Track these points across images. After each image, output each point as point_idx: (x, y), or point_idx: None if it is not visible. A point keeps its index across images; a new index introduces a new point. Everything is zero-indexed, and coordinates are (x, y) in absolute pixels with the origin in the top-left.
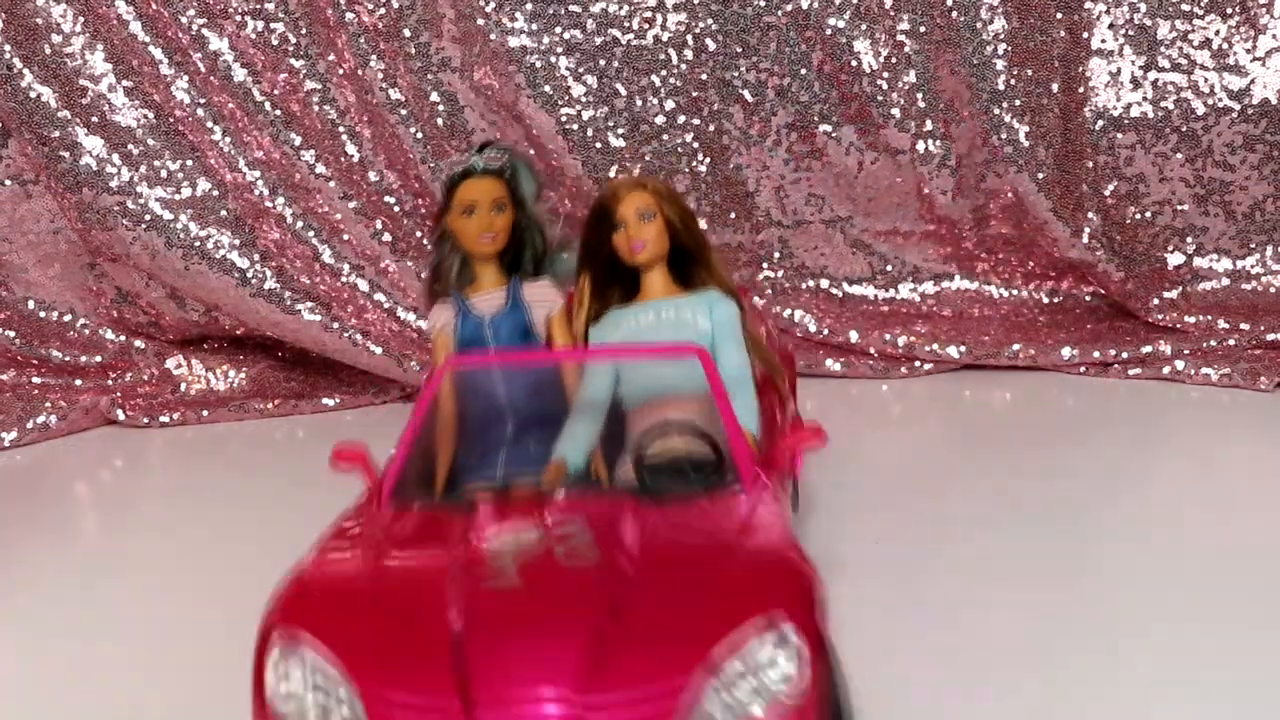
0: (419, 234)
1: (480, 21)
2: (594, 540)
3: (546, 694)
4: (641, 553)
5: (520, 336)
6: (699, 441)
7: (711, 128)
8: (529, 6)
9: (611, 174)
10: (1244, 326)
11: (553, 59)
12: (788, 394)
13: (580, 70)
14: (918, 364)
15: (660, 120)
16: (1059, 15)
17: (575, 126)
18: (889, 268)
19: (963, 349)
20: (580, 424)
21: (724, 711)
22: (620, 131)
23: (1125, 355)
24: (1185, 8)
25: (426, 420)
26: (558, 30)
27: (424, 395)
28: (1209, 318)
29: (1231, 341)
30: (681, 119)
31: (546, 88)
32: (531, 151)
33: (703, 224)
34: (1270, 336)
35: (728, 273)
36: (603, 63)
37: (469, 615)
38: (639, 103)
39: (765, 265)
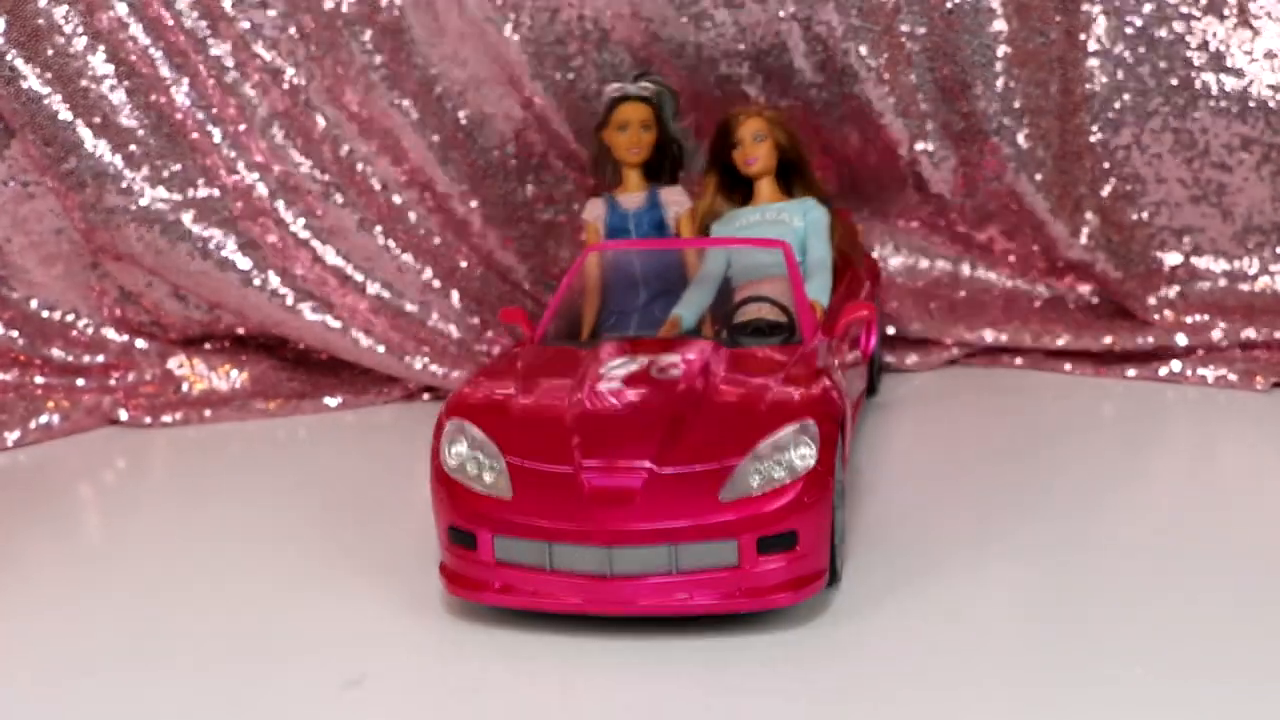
0: (422, 231)
1: (482, 21)
2: (682, 367)
3: (632, 463)
4: (719, 379)
5: (656, 229)
6: (775, 309)
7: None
8: (529, 7)
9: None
10: (1240, 326)
11: (556, 56)
12: (865, 281)
13: (582, 69)
14: (913, 358)
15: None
16: (1058, 17)
17: (576, 127)
18: (888, 265)
19: (961, 341)
20: (696, 292)
21: (759, 480)
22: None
23: (1122, 354)
24: (1183, 9)
25: (574, 285)
26: (558, 28)
27: (573, 268)
28: (1206, 318)
29: (1228, 341)
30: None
31: (556, 75)
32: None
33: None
34: (1266, 336)
35: (822, 186)
36: (602, 62)
37: (583, 411)
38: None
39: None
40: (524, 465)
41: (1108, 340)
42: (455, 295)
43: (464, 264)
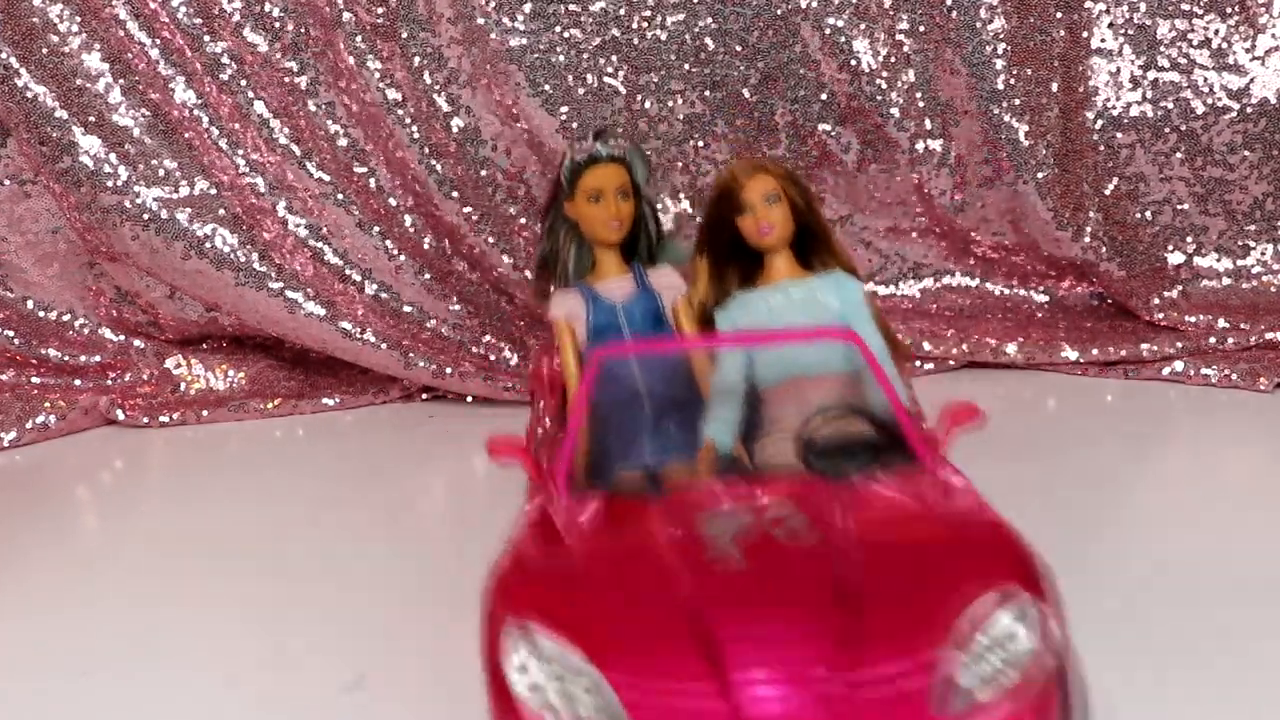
0: (413, 231)
1: (480, 20)
2: (808, 521)
3: (806, 672)
4: (858, 531)
5: (653, 322)
6: (861, 421)
7: (712, 128)
8: (528, 6)
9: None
10: (1244, 326)
11: (553, 58)
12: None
13: (580, 69)
14: (917, 363)
15: (659, 119)
16: (1059, 15)
17: (576, 125)
18: (889, 266)
19: (963, 348)
20: (723, 407)
21: (980, 684)
22: (620, 130)
23: (1125, 355)
24: (1185, 7)
25: (590, 411)
26: (557, 29)
27: (583, 385)
28: (1209, 317)
29: (1231, 341)
30: (681, 117)
31: (546, 87)
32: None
33: (699, 222)
34: (1270, 336)
35: (848, 253)
36: (601, 61)
37: (704, 594)
38: (638, 101)
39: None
40: (637, 687)
41: (1113, 352)
42: (454, 297)
43: (460, 266)
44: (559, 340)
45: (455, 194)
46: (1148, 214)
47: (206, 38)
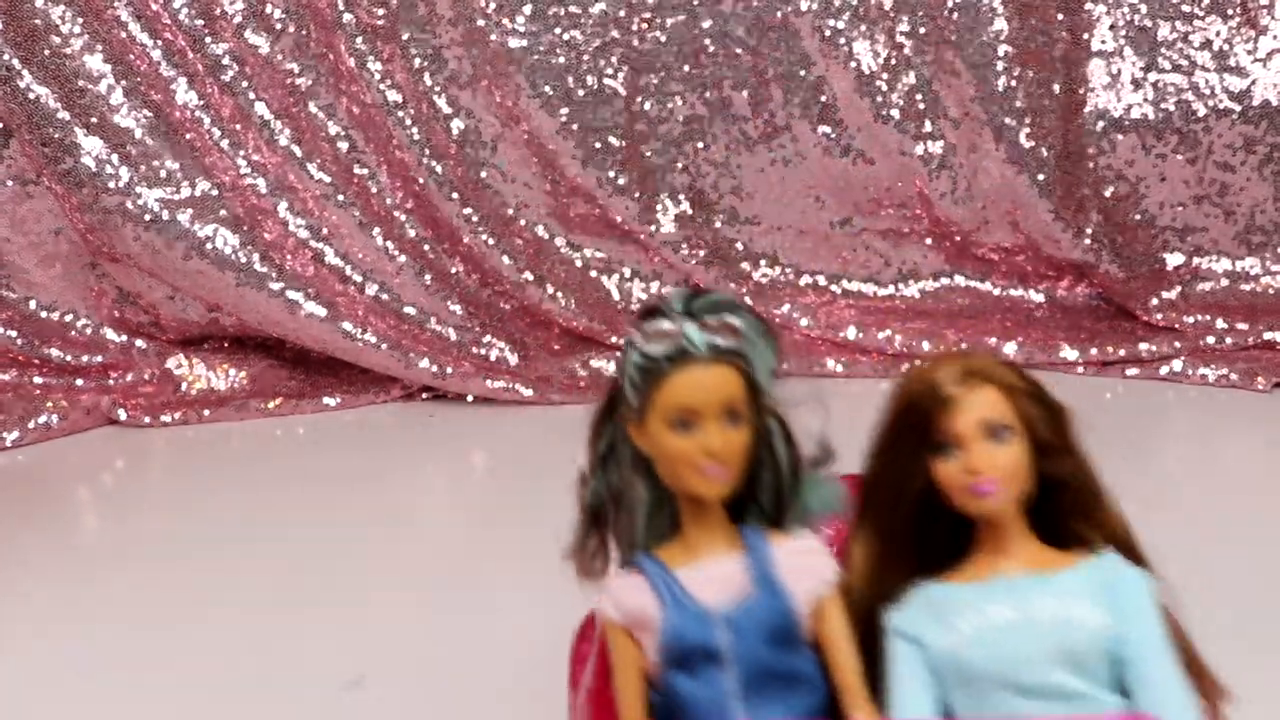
0: (413, 232)
1: (480, 22)
2: None
3: None
4: None
5: (781, 640)
6: None
7: (711, 128)
8: (528, 8)
9: (623, 179)
10: (1242, 326)
11: (553, 60)
12: None
13: (580, 71)
14: (918, 363)
15: (659, 120)
16: (1060, 16)
17: (576, 126)
18: (889, 267)
19: (963, 348)
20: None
21: None
22: (620, 131)
23: (1124, 355)
24: (1185, 9)
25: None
26: (557, 31)
27: None
28: (1207, 318)
29: (1229, 341)
30: (681, 119)
31: (546, 88)
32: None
33: (699, 223)
34: (1268, 336)
35: (1125, 523)
36: (601, 63)
37: None
38: (638, 102)
39: (764, 264)
40: None
41: (1112, 352)
42: (454, 298)
43: (461, 268)
44: (613, 656)
45: (455, 195)
46: (1148, 215)
47: (208, 39)
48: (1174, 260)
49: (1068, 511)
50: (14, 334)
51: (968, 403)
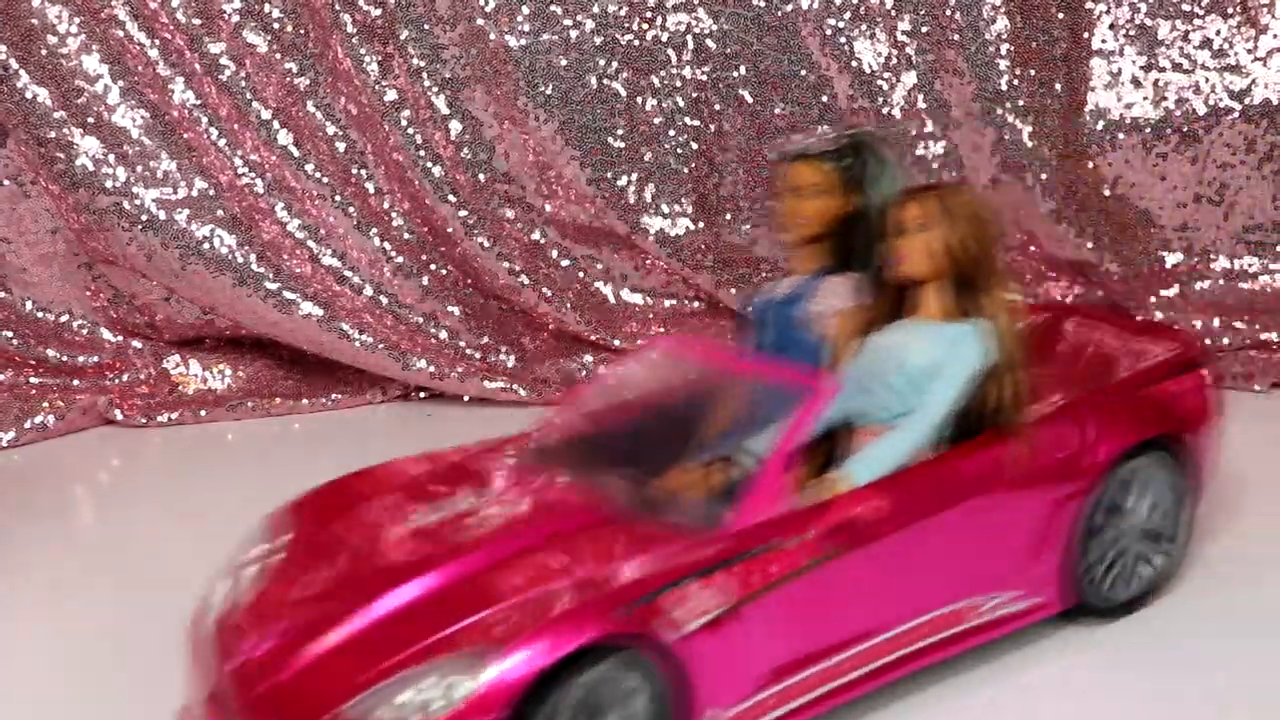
0: (408, 235)
1: (479, 22)
2: (507, 526)
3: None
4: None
5: (791, 328)
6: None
7: (711, 128)
8: (527, 8)
9: (623, 180)
10: (1239, 326)
11: (552, 60)
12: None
13: (580, 71)
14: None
15: (659, 121)
16: (1060, 15)
17: (575, 127)
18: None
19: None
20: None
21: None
22: (619, 133)
23: None
24: (1185, 7)
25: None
26: (557, 31)
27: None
28: (1206, 317)
29: (1227, 341)
30: (681, 120)
31: (545, 89)
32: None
33: (699, 225)
34: (1265, 337)
35: (1005, 307)
36: (601, 63)
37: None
38: (638, 103)
39: (764, 269)
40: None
41: None
42: (451, 299)
43: (458, 269)
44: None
45: (453, 197)
46: (1148, 214)
47: (206, 38)
48: (1173, 259)
49: (968, 290)
50: (10, 334)
51: (910, 205)
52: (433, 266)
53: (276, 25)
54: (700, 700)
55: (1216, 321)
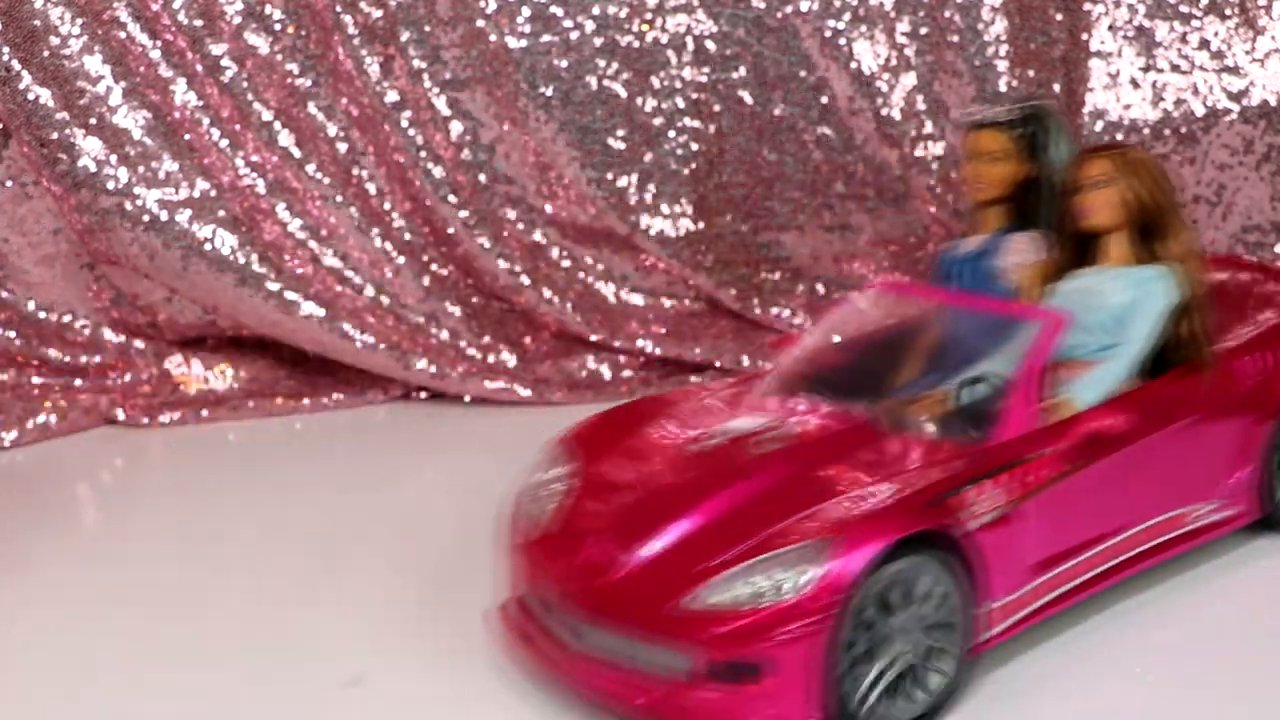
0: (409, 236)
1: (479, 23)
2: (791, 448)
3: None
4: (809, 469)
5: (982, 280)
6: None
7: (711, 129)
8: (528, 9)
9: (623, 181)
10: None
11: (552, 61)
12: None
13: (580, 72)
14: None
15: (659, 122)
16: (1059, 16)
17: (575, 128)
18: (889, 268)
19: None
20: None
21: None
22: (619, 134)
23: None
24: (1184, 9)
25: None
26: (557, 32)
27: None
28: None
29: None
30: (681, 121)
31: (546, 89)
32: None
33: (700, 225)
34: None
35: (1191, 248)
36: (601, 64)
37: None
38: (638, 104)
39: (764, 269)
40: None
41: None
42: (452, 299)
43: (459, 269)
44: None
45: (453, 197)
46: None
47: (207, 40)
48: None
49: (1154, 238)
50: (13, 334)
51: (1090, 163)
52: (434, 267)
53: (278, 27)
54: (984, 591)
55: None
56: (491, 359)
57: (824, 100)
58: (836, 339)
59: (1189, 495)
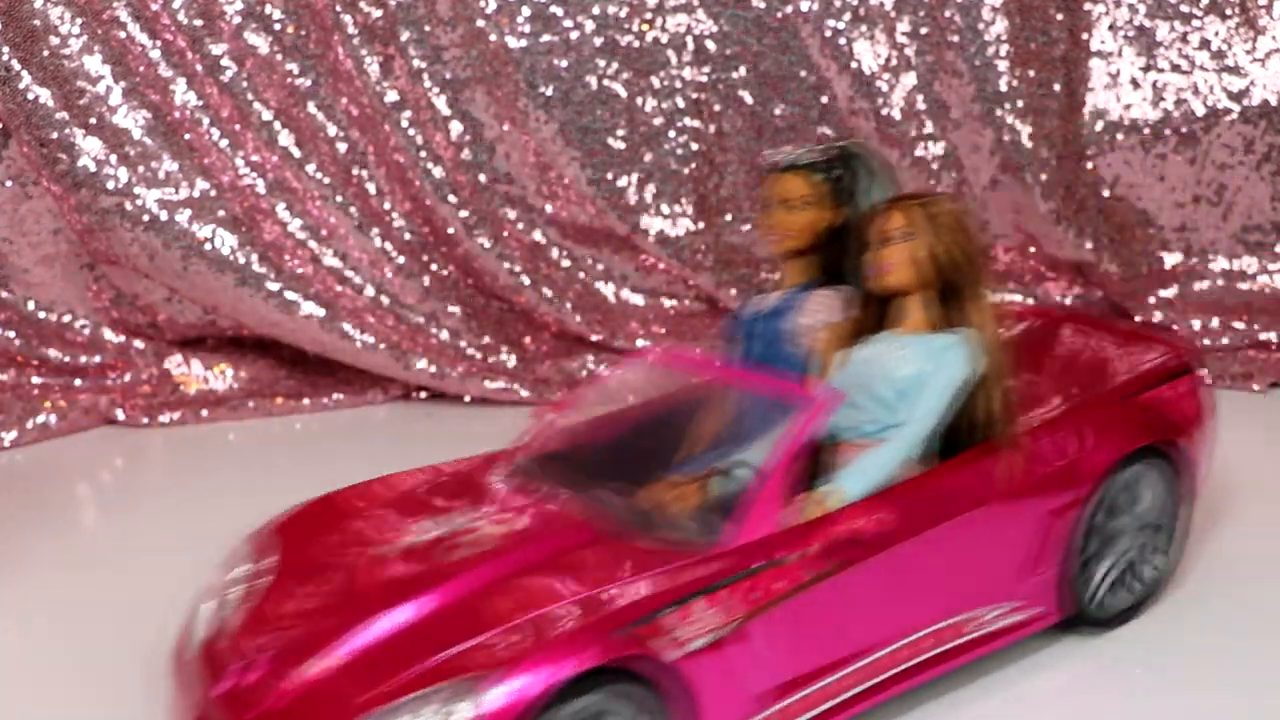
0: (409, 236)
1: (479, 23)
2: (501, 547)
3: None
4: (518, 572)
5: (774, 343)
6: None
7: (711, 129)
8: (528, 9)
9: (623, 181)
10: (1238, 326)
11: (552, 61)
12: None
13: (580, 72)
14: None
15: (659, 122)
16: (1059, 16)
17: (575, 128)
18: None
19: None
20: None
21: None
22: (619, 133)
23: None
24: (1184, 9)
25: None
26: (557, 32)
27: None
28: (1204, 317)
29: (1225, 341)
30: (681, 121)
31: (546, 89)
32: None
33: (700, 225)
34: (1264, 337)
35: (991, 317)
36: (601, 64)
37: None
38: (638, 104)
39: (764, 269)
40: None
41: None
42: (452, 299)
43: (459, 269)
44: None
45: (453, 197)
46: (1147, 215)
47: (207, 39)
48: (1172, 259)
49: (956, 300)
50: (12, 334)
51: (892, 214)
52: (434, 267)
53: (278, 26)
54: None
55: (1215, 322)
56: (491, 359)
57: (824, 100)
58: (600, 413)
59: (977, 598)
